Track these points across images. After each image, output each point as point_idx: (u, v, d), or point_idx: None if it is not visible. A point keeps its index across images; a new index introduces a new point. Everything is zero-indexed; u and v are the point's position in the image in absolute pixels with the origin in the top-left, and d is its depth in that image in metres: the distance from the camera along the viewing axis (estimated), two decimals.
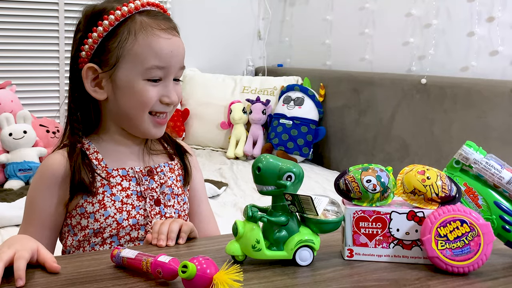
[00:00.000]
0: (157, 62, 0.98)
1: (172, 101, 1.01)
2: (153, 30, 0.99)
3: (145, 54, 0.98)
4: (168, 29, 1.00)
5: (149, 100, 0.99)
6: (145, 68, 0.98)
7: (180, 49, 1.02)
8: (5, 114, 2.49)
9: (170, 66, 1.00)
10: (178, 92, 1.04)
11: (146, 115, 1.01)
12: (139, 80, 0.99)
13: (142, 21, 0.99)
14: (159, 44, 0.98)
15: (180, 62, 1.02)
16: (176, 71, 1.02)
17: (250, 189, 2.40)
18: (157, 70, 0.99)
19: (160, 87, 1.00)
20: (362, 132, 2.85)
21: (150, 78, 0.99)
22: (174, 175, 1.09)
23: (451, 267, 0.82)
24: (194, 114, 3.30)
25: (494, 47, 2.26)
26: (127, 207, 1.02)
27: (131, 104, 1.00)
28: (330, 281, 0.80)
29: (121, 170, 1.03)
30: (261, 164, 0.82)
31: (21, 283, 0.75)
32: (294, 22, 3.53)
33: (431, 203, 0.85)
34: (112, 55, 0.99)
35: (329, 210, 0.88)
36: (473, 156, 0.90)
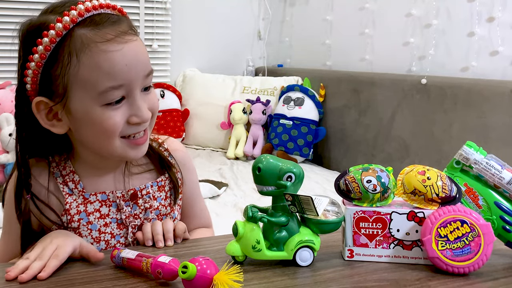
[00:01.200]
0: (112, 82, 0.82)
1: (143, 119, 0.86)
2: (97, 45, 0.81)
3: (95, 77, 0.82)
4: (117, 37, 0.82)
5: (112, 127, 0.84)
6: (99, 92, 0.82)
7: (138, 55, 0.85)
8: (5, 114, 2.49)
9: (130, 82, 0.84)
10: (151, 102, 0.89)
11: (117, 142, 0.87)
12: (96, 107, 0.83)
13: (83, 36, 0.82)
14: (109, 61, 0.82)
15: (142, 70, 0.85)
16: (141, 82, 0.86)
17: (250, 189, 2.40)
18: (115, 91, 0.83)
19: (124, 108, 0.85)
20: (362, 133, 2.85)
21: (108, 102, 0.83)
22: (163, 194, 1.00)
23: (452, 267, 0.82)
24: (194, 114, 3.30)
25: (494, 47, 2.26)
26: (105, 236, 0.94)
27: (94, 135, 0.86)
28: (330, 281, 0.80)
29: (100, 195, 0.94)
30: (261, 165, 0.82)
31: (42, 275, 0.77)
32: (294, 22, 3.53)
33: (431, 204, 0.85)
34: (58, 84, 0.84)
35: (329, 211, 0.88)
36: (473, 156, 0.90)
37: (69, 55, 0.82)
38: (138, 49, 0.86)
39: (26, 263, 0.79)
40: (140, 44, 0.87)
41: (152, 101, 0.90)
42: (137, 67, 0.84)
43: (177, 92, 3.33)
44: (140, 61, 0.85)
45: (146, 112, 0.87)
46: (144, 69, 0.86)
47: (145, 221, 0.97)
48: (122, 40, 0.83)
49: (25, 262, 0.80)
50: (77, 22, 0.82)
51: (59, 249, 0.82)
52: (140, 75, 0.85)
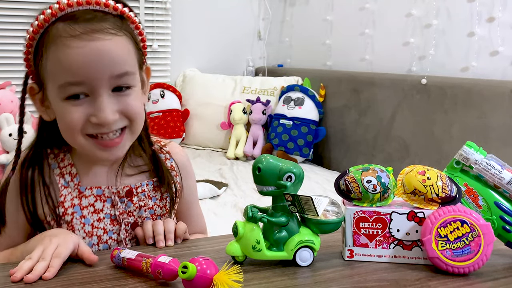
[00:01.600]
0: (69, 77, 0.82)
1: (101, 121, 0.83)
2: (62, 40, 0.81)
3: (56, 71, 0.83)
4: (83, 33, 0.81)
5: (70, 123, 0.84)
6: (58, 86, 0.83)
7: (104, 54, 0.82)
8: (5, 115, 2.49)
9: (90, 79, 0.82)
10: (124, 105, 0.86)
11: (81, 139, 0.86)
12: (58, 101, 0.84)
13: (55, 30, 0.83)
14: (67, 56, 0.81)
15: (108, 70, 0.83)
16: (107, 81, 0.83)
17: (250, 189, 2.40)
18: (73, 87, 0.82)
19: (85, 106, 0.84)
20: (362, 133, 2.85)
21: (69, 97, 0.83)
22: (158, 194, 1.00)
23: (452, 267, 0.82)
24: (194, 115, 3.30)
25: (495, 47, 2.26)
26: (98, 231, 0.94)
27: (62, 129, 0.88)
28: (331, 281, 0.80)
29: (95, 189, 0.94)
30: (261, 165, 0.82)
31: (47, 275, 0.77)
32: (294, 23, 3.53)
33: (431, 204, 0.85)
34: (40, 74, 0.87)
35: (329, 211, 0.88)
36: (473, 156, 0.90)
37: (43, 47, 0.84)
38: (109, 49, 0.83)
39: (30, 263, 0.79)
40: (113, 44, 0.83)
41: (126, 104, 0.86)
42: (99, 65, 0.82)
43: (177, 92, 3.33)
44: (105, 60, 0.82)
45: (107, 113, 0.83)
46: (112, 69, 0.83)
47: (139, 219, 0.97)
48: (88, 38, 0.81)
49: (29, 262, 0.80)
50: (58, 16, 0.83)
51: (60, 248, 0.82)
52: (105, 74, 0.83)
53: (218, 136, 3.24)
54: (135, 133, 0.91)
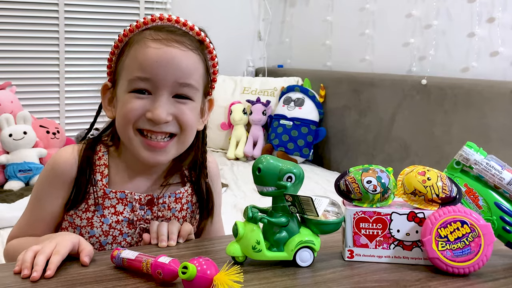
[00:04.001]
0: (139, 73, 0.90)
1: (154, 117, 0.89)
2: (145, 41, 0.91)
3: (131, 66, 0.91)
4: (164, 40, 0.90)
5: (129, 112, 0.90)
6: (129, 79, 0.91)
7: (175, 60, 0.90)
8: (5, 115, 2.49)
9: (157, 78, 0.89)
10: (180, 113, 0.92)
11: (131, 132, 0.92)
12: (125, 93, 0.92)
13: (143, 34, 0.93)
14: (144, 54, 0.90)
15: (174, 75, 0.90)
16: (171, 85, 0.90)
17: (250, 190, 2.40)
18: (140, 82, 0.90)
19: (147, 101, 0.90)
20: (362, 133, 2.85)
21: (134, 90, 0.91)
22: (179, 205, 1.02)
23: (452, 268, 0.82)
24: None
25: (495, 48, 2.26)
26: (114, 232, 0.98)
27: (119, 119, 0.93)
28: (331, 282, 0.80)
29: (119, 193, 0.97)
30: (262, 165, 0.82)
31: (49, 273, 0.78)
32: (295, 23, 3.53)
33: (431, 204, 0.85)
34: (116, 72, 0.96)
35: (330, 211, 0.88)
36: (473, 157, 0.90)
37: (128, 47, 0.93)
38: (180, 57, 0.91)
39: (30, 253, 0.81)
40: (186, 55, 0.92)
41: (182, 111, 0.92)
42: (168, 68, 0.89)
43: None
44: (174, 66, 0.90)
45: (163, 112, 0.89)
46: (177, 76, 0.90)
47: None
48: (167, 43, 0.90)
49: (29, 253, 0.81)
50: (148, 25, 0.93)
51: (58, 245, 0.83)
52: (170, 78, 0.90)
53: (218, 137, 3.24)
54: (182, 144, 0.96)
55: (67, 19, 3.20)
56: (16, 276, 0.80)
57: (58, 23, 3.19)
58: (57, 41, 3.21)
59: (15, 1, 3.09)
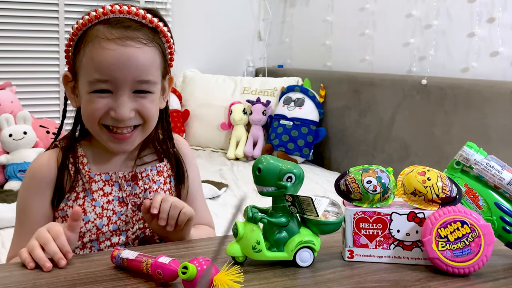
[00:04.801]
0: (98, 75, 0.92)
1: (118, 117, 0.93)
2: (99, 41, 0.93)
3: (89, 67, 0.94)
4: (118, 39, 0.92)
5: (93, 111, 0.94)
6: (88, 81, 0.94)
7: (131, 61, 0.92)
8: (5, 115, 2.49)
9: (116, 80, 0.92)
10: (141, 106, 0.96)
11: (97, 128, 0.96)
12: (86, 93, 0.95)
13: (95, 31, 0.94)
14: (100, 56, 0.92)
15: (133, 75, 0.93)
16: (130, 84, 0.93)
17: (250, 190, 2.40)
18: (100, 83, 0.93)
19: (109, 100, 0.94)
20: (362, 133, 2.85)
21: (95, 91, 0.94)
22: (162, 178, 1.07)
23: (452, 268, 0.82)
24: (194, 115, 3.30)
25: (495, 48, 2.26)
26: (107, 212, 1.01)
27: (84, 116, 0.98)
28: (331, 282, 0.80)
29: (104, 175, 1.02)
30: (262, 165, 0.82)
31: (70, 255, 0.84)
32: (295, 23, 3.53)
33: (431, 204, 0.85)
34: (75, 66, 0.98)
35: (330, 211, 0.88)
36: (473, 157, 0.90)
37: (83, 44, 0.95)
38: (136, 56, 0.93)
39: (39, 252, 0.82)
40: (142, 52, 0.94)
41: (143, 106, 0.96)
42: (125, 69, 0.92)
43: (177, 92, 3.33)
44: (132, 66, 0.92)
45: (125, 111, 0.93)
46: (135, 74, 0.93)
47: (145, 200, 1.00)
48: (122, 43, 0.92)
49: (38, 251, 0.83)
50: (100, 18, 0.94)
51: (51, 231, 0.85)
52: (129, 78, 0.93)
53: (218, 137, 3.24)
54: (145, 132, 1.01)
55: (67, 19, 3.20)
56: (17, 276, 0.80)
57: (58, 23, 3.19)
58: (57, 41, 3.21)
59: (15, 1, 3.09)
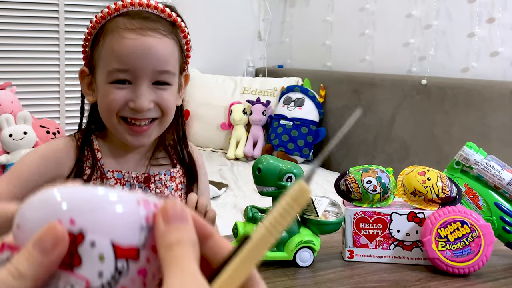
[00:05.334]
0: (118, 64, 0.92)
1: (137, 107, 0.92)
2: (119, 31, 0.92)
3: (108, 57, 0.93)
4: (138, 29, 0.92)
5: (112, 103, 0.93)
6: (108, 71, 0.93)
7: (151, 50, 0.92)
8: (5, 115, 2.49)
9: (135, 69, 0.92)
10: (160, 98, 0.95)
11: (115, 121, 0.95)
12: (105, 84, 0.94)
13: (115, 22, 0.94)
14: (120, 46, 0.91)
15: (153, 64, 0.92)
16: (150, 74, 0.93)
17: (250, 190, 2.40)
18: (119, 73, 0.92)
19: (128, 91, 0.93)
20: (362, 133, 2.85)
21: (114, 81, 0.93)
22: (174, 184, 1.05)
23: (452, 268, 0.82)
24: (194, 115, 3.30)
25: (495, 48, 2.26)
26: None
27: (101, 109, 0.96)
28: (331, 282, 0.80)
29: (116, 173, 1.00)
30: (262, 165, 0.82)
31: None
32: (295, 23, 3.53)
33: (431, 204, 0.85)
34: (93, 60, 0.97)
35: (330, 211, 0.88)
36: (473, 157, 0.90)
37: (102, 35, 0.94)
38: (156, 46, 0.92)
39: None
40: (161, 43, 0.93)
41: (162, 97, 0.95)
42: (145, 59, 0.91)
43: None
44: (151, 55, 0.92)
45: (144, 101, 0.92)
46: (155, 64, 0.92)
47: None
48: (142, 33, 0.92)
49: None
50: (120, 11, 0.93)
51: None
52: (149, 67, 0.92)
53: (218, 137, 3.24)
54: (163, 126, 0.99)
55: (67, 19, 3.20)
56: None
57: (58, 23, 3.19)
58: (57, 41, 3.21)
59: (15, 1, 3.09)
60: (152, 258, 0.33)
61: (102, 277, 0.31)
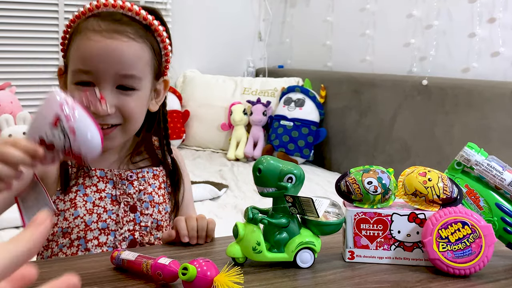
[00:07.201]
0: (81, 65, 0.92)
1: (98, 111, 0.90)
2: (86, 32, 0.92)
3: (74, 57, 0.93)
4: (104, 31, 0.91)
5: None
6: (72, 70, 0.93)
7: (115, 53, 0.91)
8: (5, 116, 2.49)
9: (98, 71, 0.91)
10: (122, 103, 0.93)
11: None
12: (70, 84, 0.94)
13: (86, 23, 0.94)
14: (84, 47, 0.91)
15: (115, 68, 0.91)
16: (112, 78, 0.92)
17: (250, 190, 2.40)
18: (83, 74, 0.92)
19: None
20: (363, 134, 2.84)
21: (77, 82, 0.92)
22: (157, 182, 1.05)
23: (453, 269, 0.82)
24: (194, 116, 3.30)
25: (495, 48, 2.26)
26: (98, 209, 0.98)
27: None
28: (331, 283, 0.80)
29: (99, 171, 1.00)
30: (262, 166, 0.82)
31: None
32: (295, 23, 3.53)
33: (432, 205, 0.85)
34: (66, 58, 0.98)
35: (330, 212, 0.87)
36: (474, 157, 0.90)
37: (74, 35, 0.95)
38: (122, 49, 0.91)
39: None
40: (128, 46, 0.92)
41: (124, 103, 0.93)
42: (108, 62, 0.91)
43: (177, 93, 3.33)
44: (115, 59, 0.91)
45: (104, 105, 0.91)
46: (118, 68, 0.91)
47: (138, 202, 1.01)
48: (108, 36, 0.91)
49: None
50: (93, 11, 0.94)
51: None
52: (112, 71, 0.91)
53: (218, 137, 3.24)
54: (127, 132, 0.98)
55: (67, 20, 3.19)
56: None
57: (58, 23, 3.19)
58: (57, 42, 3.20)
59: (15, 1, 3.09)
60: None
61: None
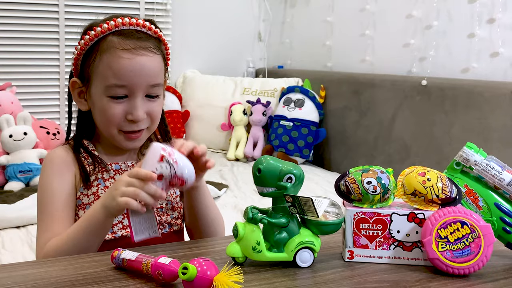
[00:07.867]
0: (117, 80, 1.02)
1: (135, 118, 1.03)
2: (115, 51, 1.02)
3: (106, 73, 1.02)
4: (133, 49, 1.02)
5: (112, 117, 1.03)
6: (105, 86, 1.03)
7: (145, 68, 1.03)
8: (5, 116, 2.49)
9: (132, 85, 1.02)
10: (151, 109, 1.06)
11: (115, 132, 1.06)
12: (103, 97, 1.03)
13: (111, 41, 1.03)
14: (118, 64, 1.01)
15: (146, 80, 1.03)
16: (144, 88, 1.04)
17: (250, 190, 2.40)
18: (118, 89, 1.02)
19: (124, 105, 1.03)
20: (362, 134, 2.85)
21: (112, 96, 1.03)
22: None
23: (452, 268, 0.82)
24: (194, 116, 3.30)
25: (495, 48, 2.26)
26: None
27: (100, 120, 1.07)
28: (331, 282, 0.80)
29: (114, 165, 1.10)
30: (262, 166, 0.82)
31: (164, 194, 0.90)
32: (295, 24, 3.53)
33: (431, 205, 0.85)
34: (87, 71, 1.06)
35: (330, 212, 0.88)
36: (473, 157, 0.90)
37: (98, 52, 1.04)
38: (148, 64, 1.04)
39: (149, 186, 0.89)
40: (153, 60, 1.04)
41: (153, 108, 1.07)
42: (141, 76, 1.03)
43: (177, 93, 3.33)
44: (145, 72, 1.03)
45: (141, 113, 1.04)
46: (148, 80, 1.04)
47: None
48: (136, 53, 1.02)
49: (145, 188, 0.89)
50: (112, 30, 1.03)
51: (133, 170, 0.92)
52: (143, 83, 1.03)
53: (218, 138, 3.24)
54: (151, 131, 1.11)
55: (67, 20, 3.20)
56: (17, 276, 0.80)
57: (58, 23, 3.19)
58: (57, 42, 3.21)
59: (15, 2, 3.09)
60: None
61: None
